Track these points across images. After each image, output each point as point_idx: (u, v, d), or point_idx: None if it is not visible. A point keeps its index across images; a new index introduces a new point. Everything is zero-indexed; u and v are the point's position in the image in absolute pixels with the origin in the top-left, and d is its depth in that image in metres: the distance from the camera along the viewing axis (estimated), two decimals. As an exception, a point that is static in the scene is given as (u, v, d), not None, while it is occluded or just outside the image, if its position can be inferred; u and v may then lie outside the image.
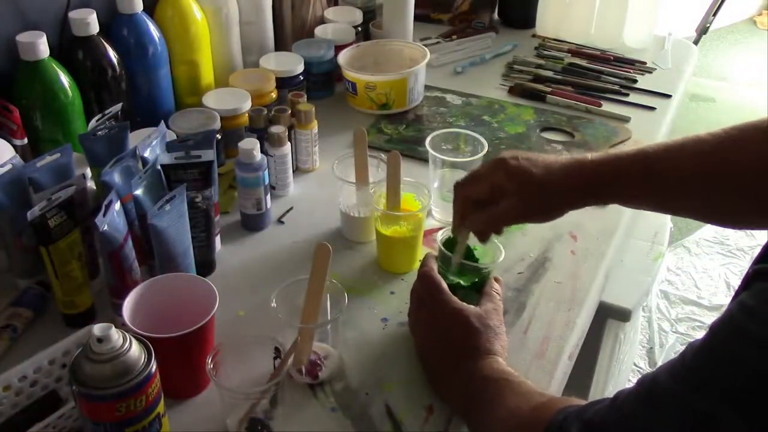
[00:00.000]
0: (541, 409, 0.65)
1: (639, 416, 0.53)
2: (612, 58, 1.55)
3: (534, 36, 1.66)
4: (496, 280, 0.87)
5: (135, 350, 0.65)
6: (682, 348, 1.77)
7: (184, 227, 0.86)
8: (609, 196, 0.79)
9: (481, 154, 1.04)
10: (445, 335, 0.80)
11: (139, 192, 0.84)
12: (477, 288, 0.86)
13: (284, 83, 1.26)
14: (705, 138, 0.73)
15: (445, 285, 0.82)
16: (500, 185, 0.80)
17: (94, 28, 1.02)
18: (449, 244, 0.88)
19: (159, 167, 0.89)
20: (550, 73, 1.49)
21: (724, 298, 2.32)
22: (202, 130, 1.03)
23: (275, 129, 1.07)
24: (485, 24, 1.67)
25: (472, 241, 0.87)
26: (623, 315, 1.40)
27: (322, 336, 0.83)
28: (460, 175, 1.05)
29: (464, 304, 0.80)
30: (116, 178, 0.86)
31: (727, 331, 0.49)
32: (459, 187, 0.85)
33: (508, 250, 0.88)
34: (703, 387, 0.48)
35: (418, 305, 0.85)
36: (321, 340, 0.83)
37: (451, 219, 1.07)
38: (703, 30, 2.46)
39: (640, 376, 1.82)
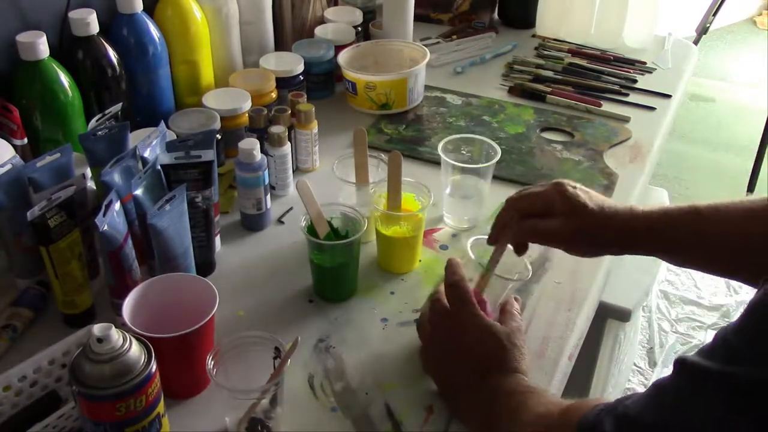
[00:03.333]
0: (571, 410, 0.64)
1: (677, 403, 0.52)
2: (612, 58, 1.55)
3: (534, 36, 1.66)
4: (516, 299, 0.87)
5: (135, 350, 0.65)
6: (683, 348, 1.78)
7: (184, 227, 0.86)
8: (653, 248, 0.80)
9: (494, 161, 1.03)
10: (472, 350, 0.77)
11: (139, 192, 0.84)
12: (345, 265, 0.91)
13: (284, 83, 1.26)
14: (758, 201, 0.75)
15: (474, 299, 0.80)
16: (553, 204, 0.81)
17: (94, 28, 1.02)
18: (311, 230, 0.91)
19: (159, 167, 0.89)
20: (550, 73, 1.49)
21: (724, 298, 2.32)
22: (202, 130, 1.03)
23: (275, 129, 1.07)
24: (485, 24, 1.67)
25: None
26: (623, 315, 1.40)
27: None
28: (473, 180, 1.05)
29: (493, 321, 0.79)
30: (116, 178, 0.86)
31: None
32: (510, 200, 0.85)
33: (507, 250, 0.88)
34: (757, 358, 0.48)
35: (442, 316, 0.81)
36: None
37: (463, 225, 1.07)
38: (703, 30, 2.46)
39: (640, 376, 1.80)
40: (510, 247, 0.86)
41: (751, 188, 2.74)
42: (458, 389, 0.78)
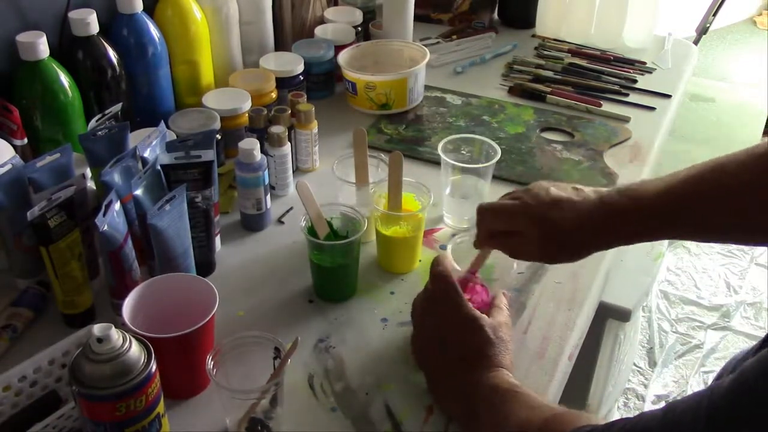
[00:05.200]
0: (553, 423, 0.64)
1: None
2: (612, 58, 1.55)
3: (534, 36, 1.66)
4: (504, 294, 0.87)
5: (135, 350, 0.65)
6: (683, 348, 1.78)
7: (184, 227, 0.86)
8: (634, 236, 0.78)
9: (494, 161, 1.03)
10: (456, 340, 0.78)
11: (139, 192, 0.84)
12: (346, 265, 0.91)
13: (284, 83, 1.26)
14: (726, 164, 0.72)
15: (460, 289, 0.80)
16: (525, 227, 0.79)
17: (94, 28, 1.02)
18: (312, 231, 0.92)
19: (159, 167, 0.89)
20: (550, 73, 1.49)
21: (724, 298, 2.32)
22: (202, 130, 1.03)
23: (275, 129, 1.07)
24: (485, 24, 1.67)
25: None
26: (623, 315, 1.40)
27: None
28: (473, 180, 1.05)
29: (479, 312, 0.79)
30: (116, 178, 0.86)
31: (759, 372, 0.48)
32: (483, 215, 0.83)
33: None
34: (731, 426, 0.48)
35: (429, 305, 0.82)
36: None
37: (463, 225, 1.07)
38: (703, 30, 2.46)
39: (640, 376, 1.80)
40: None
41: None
42: (442, 378, 0.79)
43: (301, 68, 1.29)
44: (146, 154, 0.92)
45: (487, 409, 0.71)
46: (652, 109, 1.38)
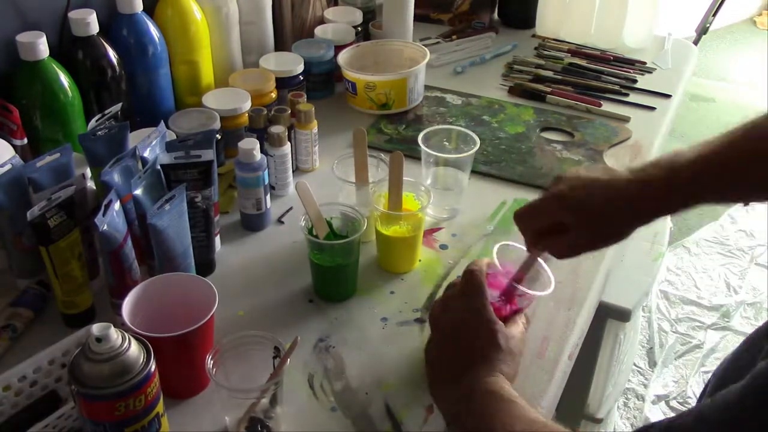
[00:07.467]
0: None
1: None
2: (612, 58, 1.55)
3: (534, 36, 1.66)
4: (525, 315, 0.85)
5: (134, 350, 0.65)
6: (683, 348, 1.77)
7: (183, 227, 0.86)
8: (673, 206, 0.77)
9: (473, 150, 1.04)
10: (466, 338, 0.77)
11: (138, 192, 0.84)
12: (345, 265, 0.91)
13: (284, 83, 1.26)
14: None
15: (488, 291, 0.79)
16: (565, 221, 0.78)
17: (94, 28, 1.02)
18: (312, 231, 0.92)
19: (159, 167, 0.89)
20: (550, 73, 1.49)
21: (724, 298, 2.32)
22: (202, 130, 1.03)
23: (275, 129, 1.07)
24: (485, 24, 1.67)
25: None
26: (623, 315, 1.40)
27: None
28: (452, 172, 1.05)
29: (498, 320, 0.78)
30: (116, 178, 0.86)
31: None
32: (520, 220, 0.82)
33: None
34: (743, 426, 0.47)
35: (453, 301, 0.81)
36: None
37: (443, 215, 1.07)
38: (703, 30, 2.46)
39: (640, 376, 1.79)
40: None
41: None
42: (441, 373, 0.78)
43: (300, 68, 1.29)
44: (146, 154, 0.92)
45: (478, 416, 0.70)
46: (652, 109, 1.38)
